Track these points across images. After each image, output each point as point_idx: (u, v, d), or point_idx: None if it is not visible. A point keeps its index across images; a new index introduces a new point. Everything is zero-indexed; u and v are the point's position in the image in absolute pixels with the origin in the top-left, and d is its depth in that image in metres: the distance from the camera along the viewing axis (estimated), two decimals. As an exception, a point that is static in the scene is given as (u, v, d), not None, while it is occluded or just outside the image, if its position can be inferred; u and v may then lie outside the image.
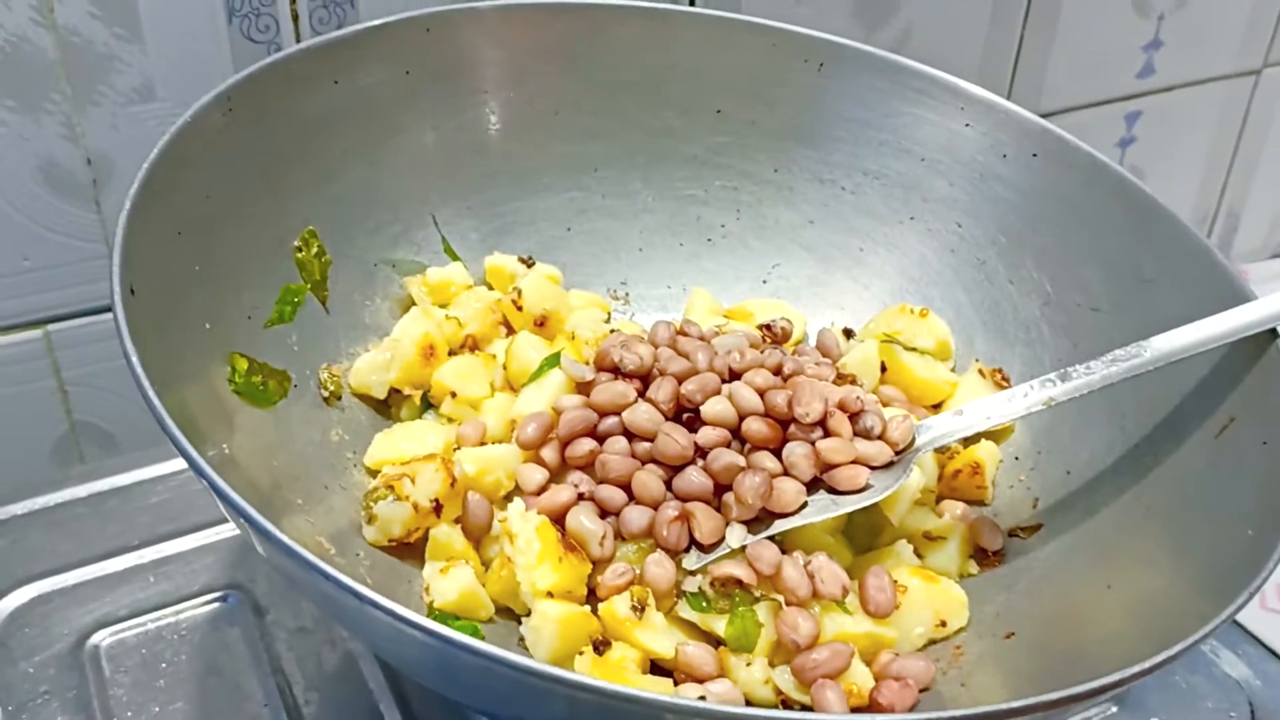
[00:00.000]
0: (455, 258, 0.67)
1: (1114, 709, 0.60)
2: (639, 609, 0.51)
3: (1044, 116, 0.67)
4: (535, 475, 0.55)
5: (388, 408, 0.62)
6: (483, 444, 0.57)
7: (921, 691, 0.51)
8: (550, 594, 0.51)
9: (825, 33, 0.69)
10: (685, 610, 0.52)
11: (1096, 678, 0.41)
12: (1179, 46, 1.02)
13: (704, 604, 0.51)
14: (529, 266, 0.67)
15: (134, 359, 0.45)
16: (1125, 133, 1.04)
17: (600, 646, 0.50)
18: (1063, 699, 0.40)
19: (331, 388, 0.60)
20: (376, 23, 0.63)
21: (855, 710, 0.49)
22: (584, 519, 0.53)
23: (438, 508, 0.53)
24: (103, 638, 0.60)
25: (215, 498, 0.42)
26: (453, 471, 0.53)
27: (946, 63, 0.70)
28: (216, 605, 0.62)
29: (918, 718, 0.46)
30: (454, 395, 0.60)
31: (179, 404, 0.47)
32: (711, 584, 0.51)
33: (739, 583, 0.51)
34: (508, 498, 0.56)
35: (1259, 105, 1.10)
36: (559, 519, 0.53)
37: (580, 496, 0.54)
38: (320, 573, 0.40)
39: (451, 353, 0.63)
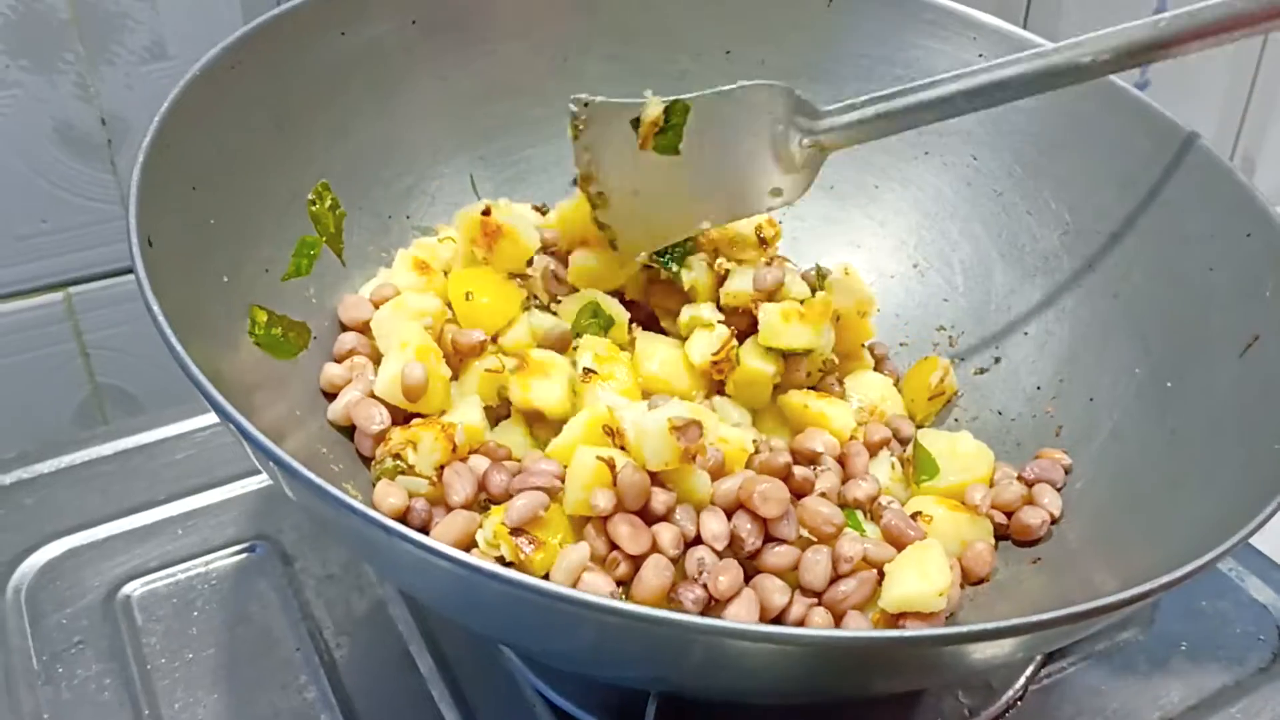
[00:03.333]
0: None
1: (1141, 636, 0.60)
2: None
3: (1060, 48, 0.66)
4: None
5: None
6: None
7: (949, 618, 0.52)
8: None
9: (836, -31, 0.69)
10: None
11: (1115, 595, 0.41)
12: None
13: None
14: (543, 215, 0.67)
15: (156, 309, 0.45)
16: (1140, 77, 1.03)
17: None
18: (1076, 614, 0.40)
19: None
20: (382, -29, 0.63)
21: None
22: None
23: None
24: (134, 588, 0.60)
25: (244, 442, 0.42)
26: (453, 437, 0.53)
27: (960, -7, 0.69)
28: (245, 555, 0.63)
29: (947, 631, 0.46)
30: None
31: (203, 355, 0.47)
32: None
33: None
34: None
35: (1274, 47, 1.08)
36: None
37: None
38: (348, 508, 0.40)
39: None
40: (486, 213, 0.58)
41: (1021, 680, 0.57)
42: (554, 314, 0.60)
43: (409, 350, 0.54)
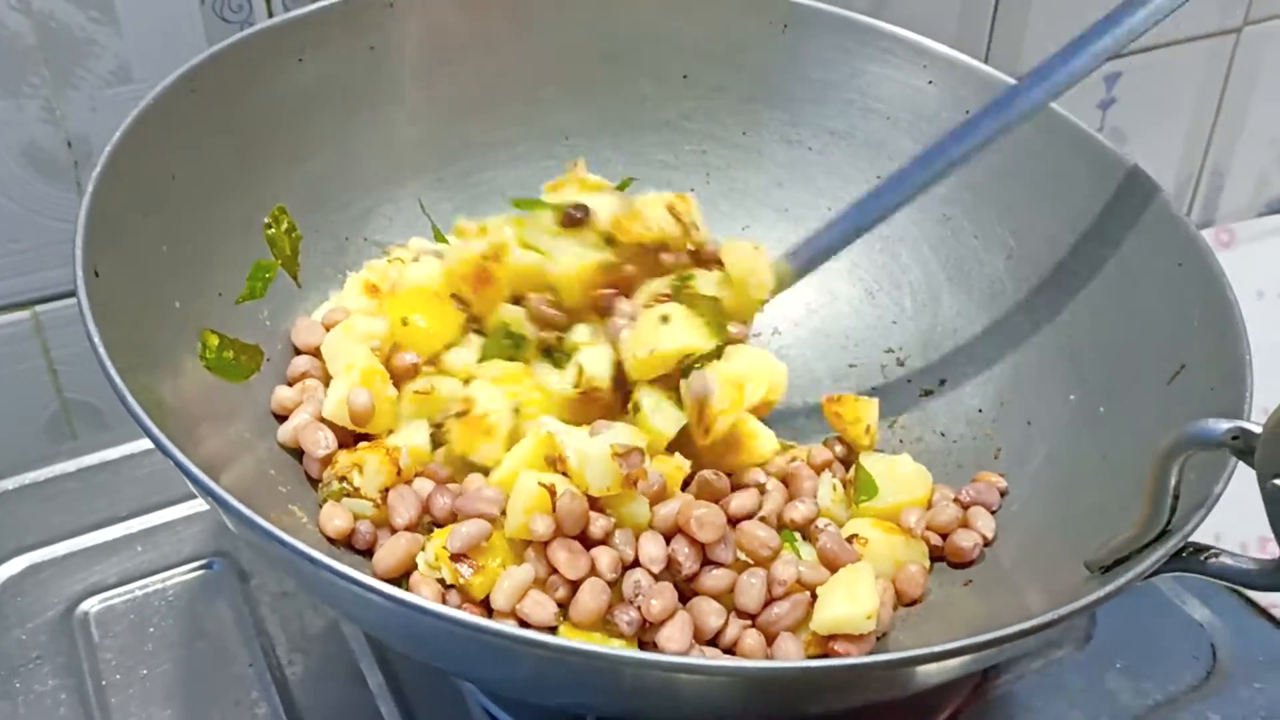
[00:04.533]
0: (442, 239, 0.68)
1: (1078, 654, 0.61)
2: None
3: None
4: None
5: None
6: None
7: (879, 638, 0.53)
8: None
9: (794, -4, 0.70)
10: None
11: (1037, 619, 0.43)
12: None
13: None
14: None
15: (97, 340, 0.46)
16: (1105, 94, 1.04)
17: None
18: (991, 641, 0.41)
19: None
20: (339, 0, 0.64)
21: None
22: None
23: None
24: (92, 605, 0.62)
25: (180, 473, 0.44)
26: (397, 460, 0.54)
27: (923, 25, 0.70)
28: (202, 572, 0.64)
29: (859, 661, 0.47)
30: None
31: (147, 385, 0.48)
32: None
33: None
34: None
35: (1241, 63, 1.09)
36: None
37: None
38: (277, 540, 0.42)
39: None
40: (493, 257, 0.59)
41: (957, 700, 0.58)
42: (562, 354, 0.59)
43: (354, 374, 0.55)
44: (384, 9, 0.65)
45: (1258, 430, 0.40)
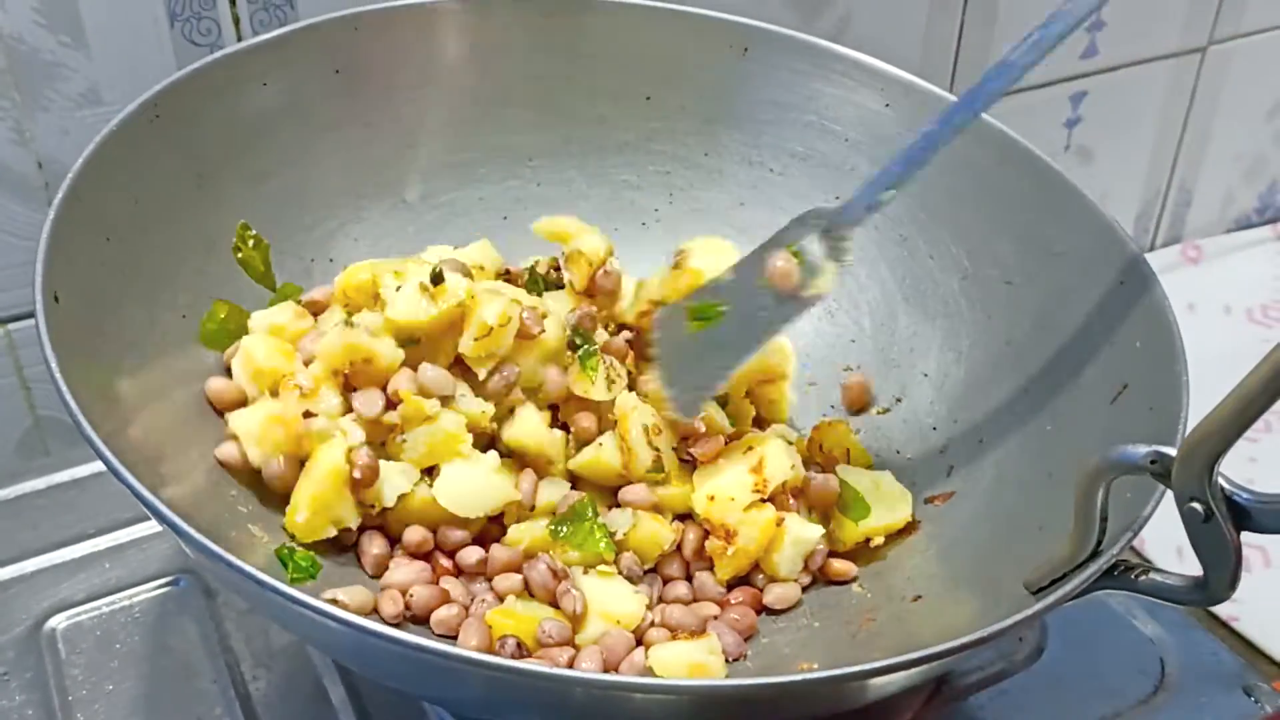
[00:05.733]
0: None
1: (1028, 667, 0.62)
2: None
3: (990, 100, 0.69)
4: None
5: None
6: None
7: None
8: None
9: (755, 19, 0.71)
10: None
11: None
12: (1122, 25, 1.03)
13: None
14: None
15: (54, 366, 0.47)
16: (1071, 113, 1.05)
17: None
18: (928, 656, 0.42)
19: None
20: (303, 24, 0.65)
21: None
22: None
23: None
24: (59, 621, 0.62)
25: (134, 498, 0.45)
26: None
27: (887, 50, 0.71)
28: (168, 589, 0.65)
29: (818, 676, 0.48)
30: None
31: (105, 409, 0.49)
32: None
33: None
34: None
35: (1206, 81, 1.10)
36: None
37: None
38: (226, 563, 0.43)
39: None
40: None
41: (908, 714, 0.59)
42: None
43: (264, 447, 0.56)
44: (349, 32, 0.66)
45: (1174, 454, 0.41)
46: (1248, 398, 0.38)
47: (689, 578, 0.59)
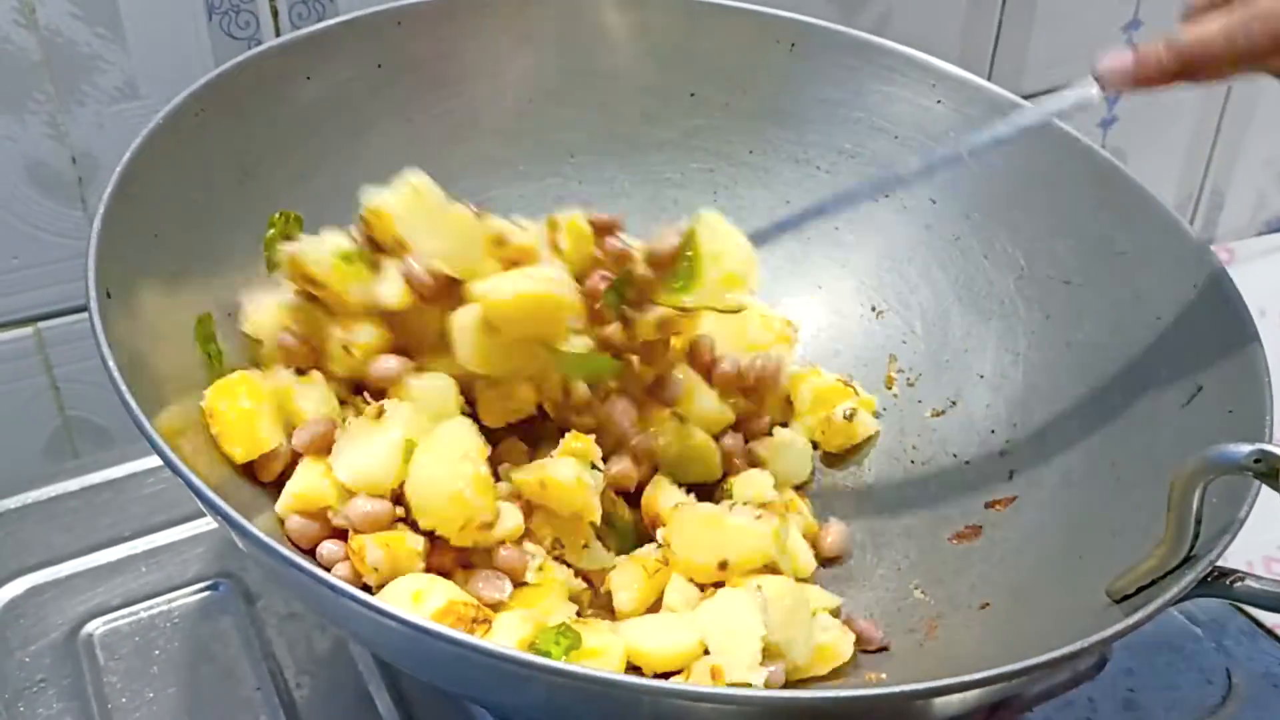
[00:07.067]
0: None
1: (1091, 678, 0.61)
2: None
3: (1025, 98, 0.67)
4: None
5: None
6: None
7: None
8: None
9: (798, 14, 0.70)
10: None
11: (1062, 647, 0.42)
12: (1159, 25, 1.02)
13: None
14: None
15: (111, 364, 0.46)
16: (1107, 113, 1.04)
17: None
18: (1021, 670, 0.41)
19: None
20: (346, 17, 0.64)
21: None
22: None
23: None
24: (96, 626, 0.61)
25: (194, 496, 0.43)
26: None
27: (927, 45, 0.70)
28: (207, 593, 0.63)
29: (888, 691, 0.47)
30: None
31: (159, 407, 0.48)
32: None
33: None
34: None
35: (1240, 85, 1.09)
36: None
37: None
38: (295, 566, 0.41)
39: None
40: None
41: (971, 724, 0.58)
42: None
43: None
44: (393, 27, 0.65)
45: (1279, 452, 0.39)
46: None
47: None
